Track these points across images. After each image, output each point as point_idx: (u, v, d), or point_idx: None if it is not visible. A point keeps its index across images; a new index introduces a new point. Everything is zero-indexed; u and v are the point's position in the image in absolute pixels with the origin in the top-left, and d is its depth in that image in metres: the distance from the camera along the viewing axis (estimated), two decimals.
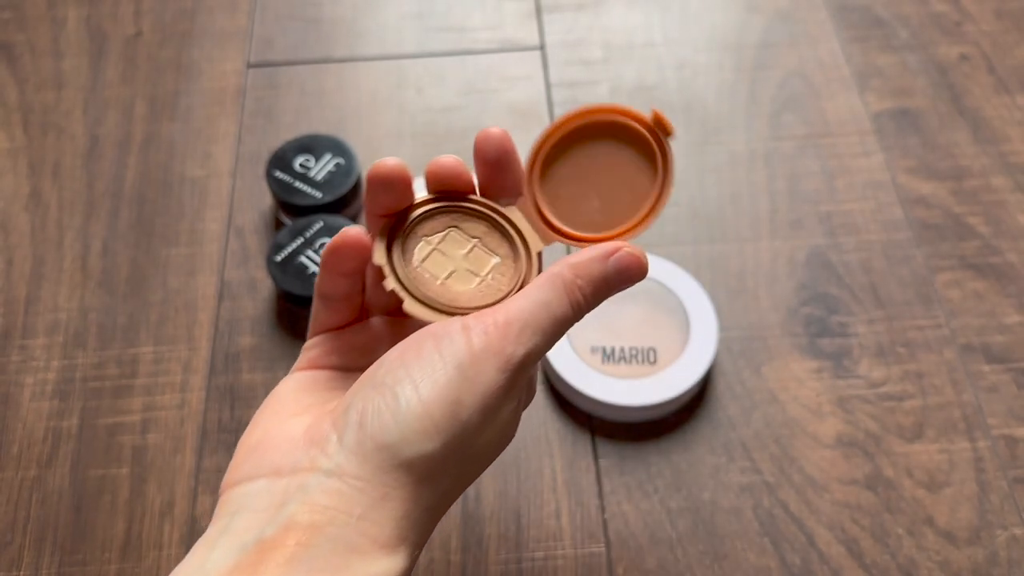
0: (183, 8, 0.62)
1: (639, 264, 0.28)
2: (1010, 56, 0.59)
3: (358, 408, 0.25)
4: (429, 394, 0.24)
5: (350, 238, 0.29)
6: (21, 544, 0.42)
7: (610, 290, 0.28)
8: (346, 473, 0.24)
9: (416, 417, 0.24)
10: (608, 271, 0.28)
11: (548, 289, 0.27)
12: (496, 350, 0.25)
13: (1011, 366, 0.47)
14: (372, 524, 0.24)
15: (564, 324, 0.27)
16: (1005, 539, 0.41)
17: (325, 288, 0.30)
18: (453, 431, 0.25)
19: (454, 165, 0.30)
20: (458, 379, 0.25)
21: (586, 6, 0.62)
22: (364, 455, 0.24)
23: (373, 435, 0.24)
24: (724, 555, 0.41)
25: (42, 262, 0.51)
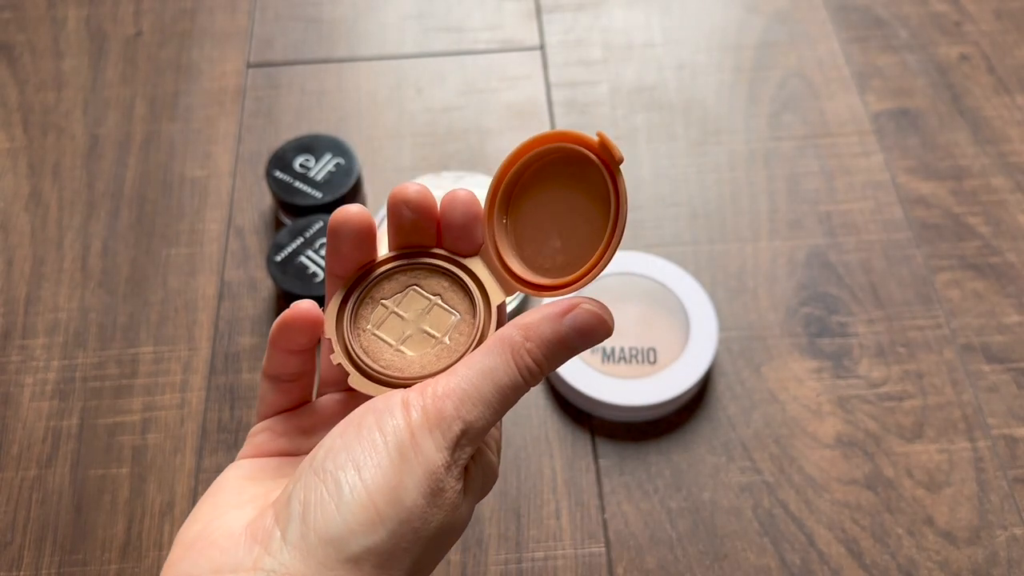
0: (183, 8, 0.62)
1: (600, 321, 0.26)
2: (1010, 56, 0.59)
3: (300, 498, 0.23)
4: (372, 479, 0.23)
5: (302, 312, 0.27)
6: (21, 544, 0.42)
7: (570, 351, 0.26)
8: (289, 573, 0.22)
9: (361, 507, 0.23)
10: (564, 331, 0.25)
11: (495, 355, 0.25)
12: (433, 424, 0.24)
13: (1011, 366, 0.47)
14: None
15: (511, 393, 0.25)
16: (1005, 539, 0.41)
17: (274, 368, 0.29)
18: (399, 517, 0.23)
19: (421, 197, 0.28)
20: (399, 461, 0.23)
21: (586, 6, 0.63)
22: (308, 550, 0.23)
23: (316, 528, 0.23)
24: (724, 555, 0.41)
25: (42, 262, 0.51)
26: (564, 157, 0.28)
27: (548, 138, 0.28)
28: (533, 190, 0.29)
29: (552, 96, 0.58)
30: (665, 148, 0.55)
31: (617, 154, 0.26)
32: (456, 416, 0.24)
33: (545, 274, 0.28)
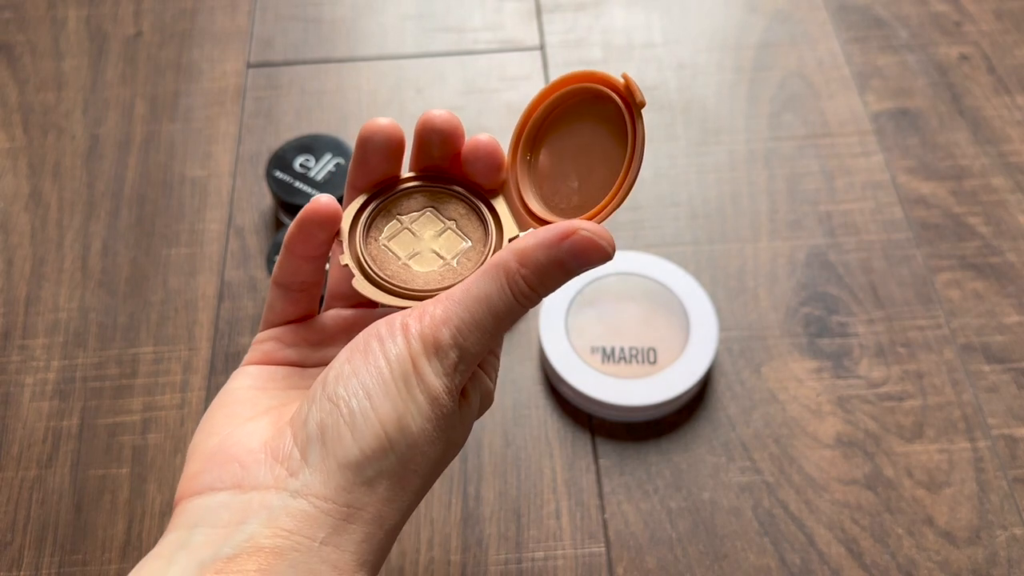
0: (183, 8, 0.62)
1: (596, 247, 0.25)
2: (1010, 56, 0.59)
3: (316, 421, 0.24)
4: (381, 408, 0.24)
5: (321, 206, 0.27)
6: (21, 544, 0.42)
7: (566, 275, 0.26)
8: (311, 493, 0.23)
9: (373, 435, 0.24)
10: (560, 255, 0.25)
11: (490, 280, 0.25)
12: (431, 352, 0.25)
13: (1011, 366, 0.47)
14: (334, 550, 0.23)
15: (506, 317, 0.26)
16: (1005, 539, 0.41)
17: (286, 276, 0.29)
18: (407, 443, 0.24)
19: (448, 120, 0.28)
20: (404, 389, 0.24)
21: (586, 6, 0.63)
22: (327, 473, 0.24)
23: (335, 454, 0.24)
24: (724, 555, 0.41)
25: (42, 262, 0.51)
26: (590, 97, 0.28)
27: (575, 78, 0.28)
28: (557, 130, 0.29)
29: None
30: (665, 148, 0.55)
31: (639, 97, 0.27)
32: (452, 344, 0.25)
33: (560, 214, 0.29)
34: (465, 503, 0.43)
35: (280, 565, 0.22)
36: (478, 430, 0.45)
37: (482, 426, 0.45)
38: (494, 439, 0.44)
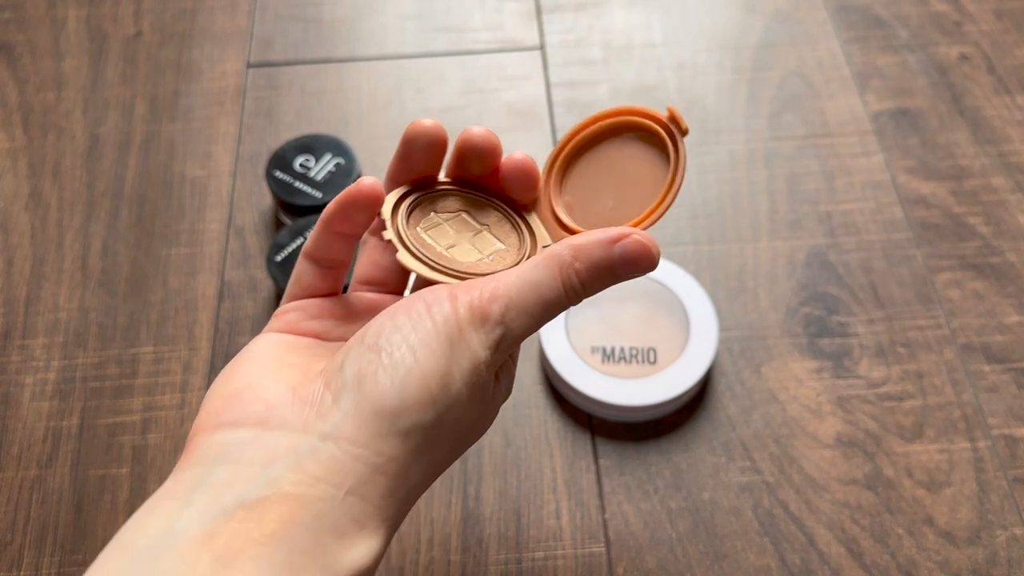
0: (183, 8, 0.62)
1: (647, 253, 0.26)
2: (1010, 56, 0.59)
3: (354, 369, 0.24)
4: (426, 362, 0.24)
5: (365, 187, 0.28)
6: (21, 544, 0.42)
7: (614, 278, 0.27)
8: (343, 437, 0.22)
9: (416, 386, 0.23)
10: (612, 257, 0.26)
11: (542, 269, 0.26)
12: (479, 323, 0.25)
13: (1011, 366, 0.47)
14: (359, 501, 0.22)
15: (554, 307, 0.26)
16: (1005, 539, 0.41)
17: (319, 251, 0.29)
18: (446, 402, 0.24)
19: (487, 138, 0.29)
20: (449, 349, 0.24)
21: (586, 6, 0.63)
22: (362, 419, 0.23)
23: (371, 399, 0.23)
24: (724, 555, 0.41)
25: (42, 262, 0.51)
26: (630, 126, 0.30)
27: (618, 111, 0.30)
28: (594, 153, 0.31)
29: (552, 96, 0.58)
30: None
31: (684, 124, 0.29)
32: (500, 321, 0.25)
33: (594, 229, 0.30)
34: (465, 503, 0.43)
35: (303, 515, 0.21)
36: None
37: None
38: (494, 439, 0.44)
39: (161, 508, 0.22)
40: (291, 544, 0.21)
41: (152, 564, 0.20)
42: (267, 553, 0.20)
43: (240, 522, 0.21)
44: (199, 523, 0.21)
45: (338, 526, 0.22)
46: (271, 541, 0.20)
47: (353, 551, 0.22)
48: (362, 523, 0.22)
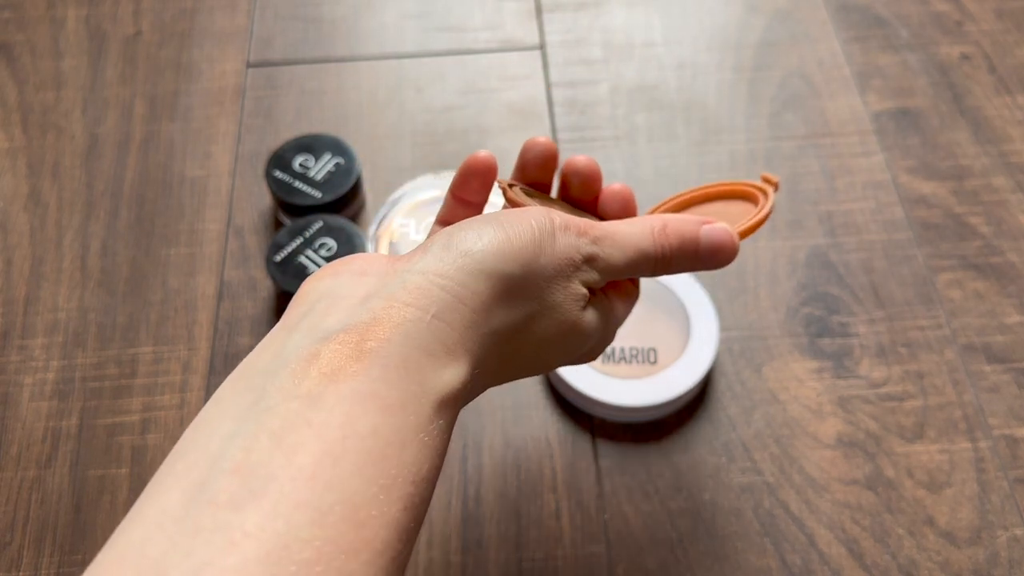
0: (183, 8, 0.62)
1: (731, 242, 0.30)
2: (1011, 56, 0.59)
3: (446, 232, 0.27)
4: (515, 231, 0.26)
5: (481, 158, 0.32)
6: (21, 544, 0.42)
7: (697, 256, 0.30)
8: (430, 271, 0.25)
9: (501, 242, 0.26)
10: (698, 235, 0.30)
11: (637, 224, 0.29)
12: (572, 234, 0.28)
13: (1012, 366, 0.47)
14: (445, 326, 0.24)
15: (644, 259, 0.29)
16: (1006, 539, 0.41)
17: (447, 216, 0.33)
18: (532, 268, 0.26)
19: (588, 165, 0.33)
20: (539, 236, 0.27)
21: (586, 6, 0.62)
22: (450, 259, 0.25)
23: (459, 244, 0.26)
24: (724, 556, 0.41)
25: (41, 262, 0.51)
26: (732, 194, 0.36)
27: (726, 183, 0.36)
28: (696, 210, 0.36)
29: (552, 96, 0.58)
30: (666, 148, 0.55)
31: (775, 180, 0.34)
32: (594, 241, 0.28)
33: None
34: (465, 504, 0.42)
35: (394, 334, 0.23)
36: (478, 430, 0.44)
37: (482, 427, 0.45)
38: (494, 440, 0.44)
39: (274, 338, 0.24)
40: (385, 359, 0.23)
41: (269, 380, 0.23)
42: (364, 368, 0.23)
43: (339, 343, 0.23)
44: (305, 345, 0.23)
45: (427, 346, 0.24)
46: (366, 357, 0.23)
47: (444, 372, 0.24)
48: (449, 348, 0.24)
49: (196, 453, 0.21)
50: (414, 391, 0.23)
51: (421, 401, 0.23)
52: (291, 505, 0.20)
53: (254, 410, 0.22)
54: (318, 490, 0.20)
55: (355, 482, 0.21)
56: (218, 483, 0.20)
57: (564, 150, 0.55)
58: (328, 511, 0.20)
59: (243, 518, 0.19)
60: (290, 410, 0.21)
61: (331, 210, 0.50)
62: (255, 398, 0.22)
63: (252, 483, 0.20)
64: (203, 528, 0.19)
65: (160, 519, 0.20)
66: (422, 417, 0.23)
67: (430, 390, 0.24)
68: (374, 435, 0.22)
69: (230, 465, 0.20)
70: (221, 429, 0.22)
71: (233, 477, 0.20)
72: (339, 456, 0.21)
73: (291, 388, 0.22)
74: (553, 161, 0.33)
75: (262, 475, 0.20)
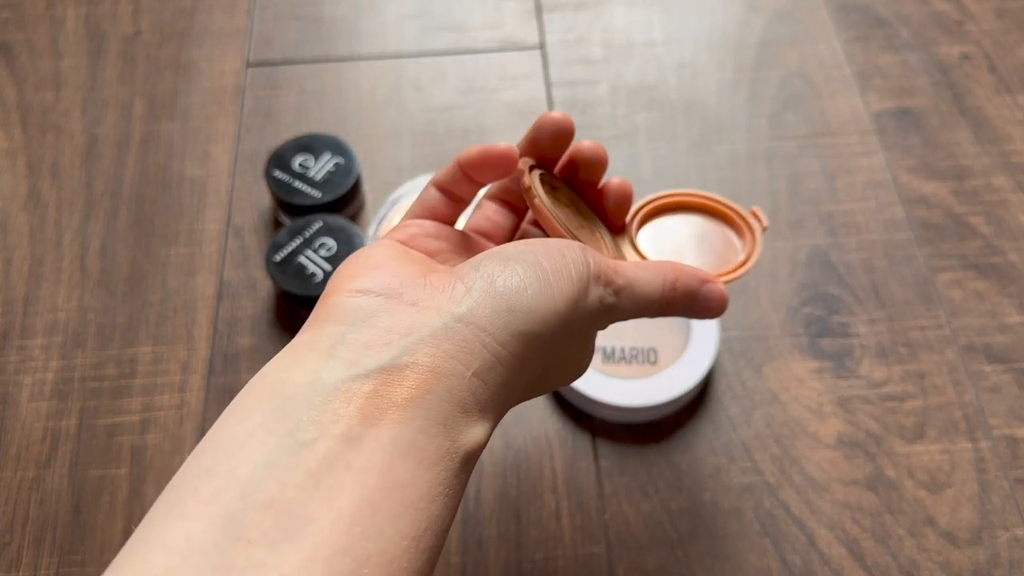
0: (182, 7, 0.62)
1: (722, 301, 0.31)
2: (1011, 56, 0.59)
3: (488, 270, 0.25)
4: (559, 287, 0.26)
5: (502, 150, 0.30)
6: (20, 545, 0.42)
7: (691, 308, 0.31)
8: (474, 323, 0.24)
9: (545, 301, 0.25)
10: (699, 292, 0.31)
11: (652, 272, 0.30)
12: (602, 283, 0.27)
13: (1012, 366, 0.46)
14: (481, 383, 0.24)
15: (649, 307, 0.30)
16: (1006, 540, 0.41)
17: (448, 184, 0.31)
18: (565, 328, 0.26)
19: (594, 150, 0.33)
20: (579, 288, 0.26)
21: (586, 5, 0.62)
22: (495, 312, 0.24)
23: (504, 295, 0.25)
24: (725, 556, 0.41)
25: (41, 262, 0.51)
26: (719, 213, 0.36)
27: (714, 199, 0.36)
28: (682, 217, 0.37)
29: (552, 95, 0.58)
30: (666, 148, 0.55)
31: (765, 223, 0.35)
32: (617, 292, 0.28)
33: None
34: (465, 504, 0.42)
35: (437, 387, 0.23)
36: None
37: None
38: (494, 440, 0.44)
39: (306, 359, 0.23)
40: (427, 411, 0.22)
41: (305, 411, 0.21)
42: (406, 417, 0.22)
43: (382, 384, 0.22)
44: (345, 379, 0.22)
45: (464, 403, 0.23)
46: (409, 406, 0.22)
47: (474, 429, 0.24)
48: (482, 405, 0.24)
49: (225, 479, 0.20)
50: (447, 447, 0.23)
51: (452, 457, 0.23)
52: (331, 551, 0.19)
53: (289, 442, 0.21)
54: (357, 538, 0.20)
55: (391, 533, 0.20)
56: (250, 516, 0.19)
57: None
58: (366, 561, 0.19)
59: (279, 559, 0.19)
60: (329, 449, 0.21)
61: (331, 210, 0.50)
62: (290, 427, 0.21)
63: (288, 522, 0.19)
64: (235, 565, 0.18)
65: (186, 549, 0.19)
66: (451, 473, 0.23)
67: (460, 446, 0.23)
68: (410, 487, 0.21)
69: (264, 498, 0.19)
70: (252, 456, 0.20)
71: (267, 512, 0.19)
72: (378, 505, 0.20)
73: (329, 425, 0.21)
74: (568, 139, 0.33)
75: (299, 515, 0.19)
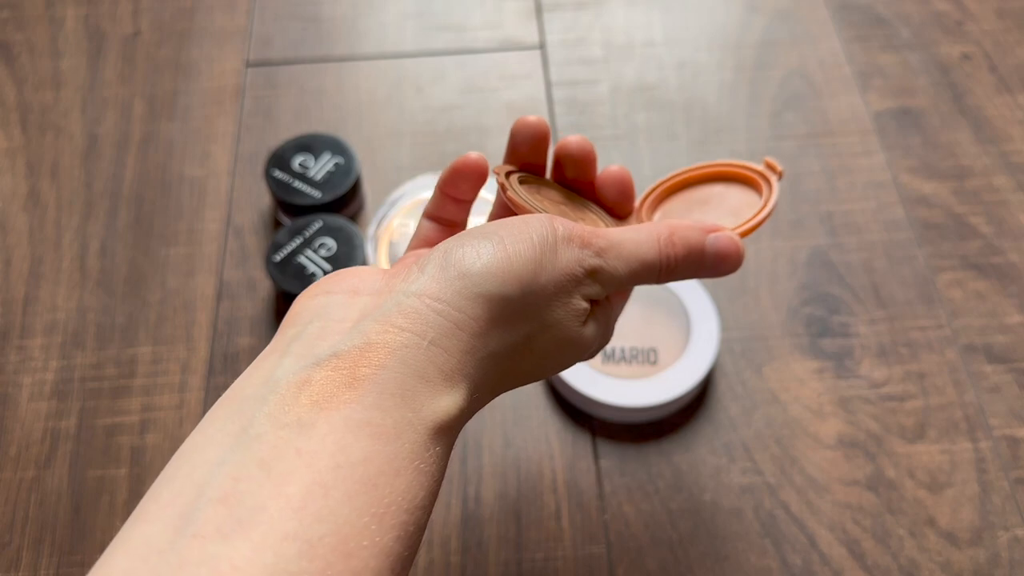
0: (182, 7, 0.62)
1: (736, 249, 0.29)
2: (1011, 55, 0.59)
3: (442, 248, 0.25)
4: (515, 250, 0.25)
5: (471, 161, 0.31)
6: (19, 545, 0.41)
7: (702, 264, 0.29)
8: (426, 294, 0.24)
9: (500, 262, 0.25)
10: (705, 244, 0.29)
11: (643, 232, 0.28)
12: (575, 245, 0.26)
13: (1013, 366, 0.46)
14: (441, 352, 0.24)
15: (648, 269, 0.28)
16: (1007, 540, 0.41)
17: (437, 211, 0.32)
18: (531, 288, 0.25)
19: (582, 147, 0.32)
20: (540, 249, 0.26)
21: (586, 5, 0.62)
22: (446, 280, 0.24)
23: (456, 263, 0.25)
24: (725, 556, 0.41)
25: (40, 262, 0.50)
26: (731, 177, 0.34)
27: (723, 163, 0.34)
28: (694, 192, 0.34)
29: (552, 95, 0.57)
30: (666, 147, 0.55)
31: (779, 168, 0.32)
32: (598, 253, 0.27)
33: None
34: (465, 504, 0.42)
35: (390, 360, 0.23)
36: (478, 431, 0.44)
37: (482, 427, 0.45)
38: (494, 440, 0.44)
39: (264, 362, 0.24)
40: (380, 387, 0.22)
41: (258, 407, 0.22)
42: (357, 396, 0.22)
43: (332, 369, 0.22)
44: (296, 371, 0.23)
45: (424, 373, 0.23)
46: (360, 384, 0.22)
47: (440, 399, 0.24)
48: (446, 374, 0.24)
49: (182, 481, 0.21)
50: (409, 418, 0.23)
51: (416, 428, 0.23)
52: (279, 536, 0.19)
53: (243, 438, 0.21)
54: (307, 521, 0.20)
55: (345, 512, 0.20)
56: (204, 513, 0.20)
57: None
58: (317, 542, 0.20)
59: (230, 550, 0.19)
60: (279, 438, 0.21)
61: (330, 210, 0.50)
62: (244, 425, 0.22)
63: (240, 513, 0.20)
64: (188, 561, 0.19)
65: (144, 551, 0.19)
66: (417, 444, 0.23)
67: (426, 417, 0.23)
68: (366, 463, 0.21)
69: (217, 494, 0.20)
70: (208, 457, 0.21)
71: (220, 507, 0.20)
72: (329, 485, 0.20)
73: (280, 415, 0.21)
74: (545, 142, 0.32)
75: (250, 505, 0.20)
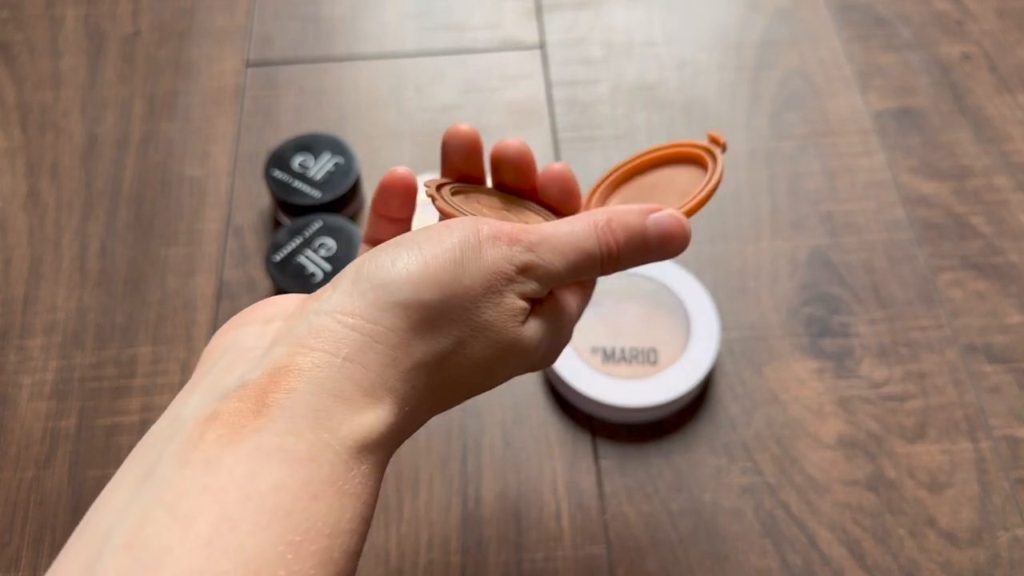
0: (182, 7, 0.62)
1: (680, 227, 0.28)
2: (1012, 55, 0.59)
3: (356, 264, 0.24)
4: (432, 252, 0.24)
5: (398, 176, 0.29)
6: (19, 545, 0.41)
7: (647, 247, 0.28)
8: (337, 310, 0.23)
9: (416, 266, 0.24)
10: (646, 225, 0.28)
11: (579, 222, 0.27)
12: (503, 243, 0.25)
13: (1013, 366, 0.46)
14: (358, 367, 0.22)
15: (588, 259, 0.27)
16: (1007, 540, 0.41)
17: (374, 234, 0.31)
18: (453, 289, 0.24)
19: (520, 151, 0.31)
20: (462, 250, 0.24)
21: (586, 5, 0.62)
22: (359, 293, 0.23)
23: (368, 275, 0.24)
24: (725, 556, 0.41)
25: (40, 262, 0.50)
26: (678, 158, 0.33)
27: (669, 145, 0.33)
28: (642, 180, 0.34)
29: (552, 95, 0.57)
30: None
31: (722, 140, 0.31)
32: (527, 249, 0.26)
33: None
34: (465, 504, 0.42)
35: (298, 383, 0.22)
36: (478, 430, 0.44)
37: (482, 427, 0.45)
38: (494, 440, 0.44)
39: (174, 404, 0.23)
40: (290, 411, 0.21)
41: (165, 447, 0.21)
42: (266, 423, 0.21)
43: (239, 400, 0.21)
44: (203, 406, 0.22)
45: (340, 391, 0.22)
46: (270, 411, 0.21)
47: (361, 416, 0.22)
48: (366, 389, 0.22)
49: (91, 531, 0.20)
50: (325, 439, 0.21)
51: (335, 449, 0.21)
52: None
53: (149, 480, 0.20)
54: (215, 557, 0.19)
55: (255, 543, 0.19)
56: (108, 561, 0.19)
57: (564, 149, 0.55)
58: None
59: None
60: (185, 477, 0.20)
61: (330, 210, 0.50)
62: (150, 467, 0.21)
63: (144, 556, 0.19)
64: None
65: None
66: (337, 466, 0.21)
67: (346, 437, 0.22)
68: (277, 491, 0.20)
69: (121, 541, 0.19)
70: (116, 503, 0.20)
71: (124, 553, 0.19)
72: (237, 519, 0.19)
73: (186, 453, 0.20)
74: (477, 152, 0.31)
75: (155, 547, 0.19)
